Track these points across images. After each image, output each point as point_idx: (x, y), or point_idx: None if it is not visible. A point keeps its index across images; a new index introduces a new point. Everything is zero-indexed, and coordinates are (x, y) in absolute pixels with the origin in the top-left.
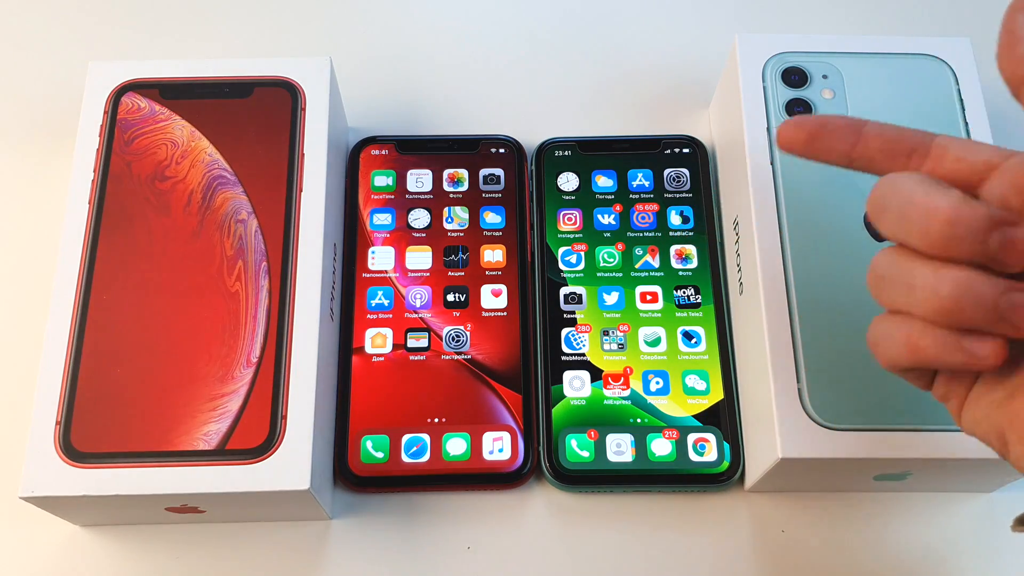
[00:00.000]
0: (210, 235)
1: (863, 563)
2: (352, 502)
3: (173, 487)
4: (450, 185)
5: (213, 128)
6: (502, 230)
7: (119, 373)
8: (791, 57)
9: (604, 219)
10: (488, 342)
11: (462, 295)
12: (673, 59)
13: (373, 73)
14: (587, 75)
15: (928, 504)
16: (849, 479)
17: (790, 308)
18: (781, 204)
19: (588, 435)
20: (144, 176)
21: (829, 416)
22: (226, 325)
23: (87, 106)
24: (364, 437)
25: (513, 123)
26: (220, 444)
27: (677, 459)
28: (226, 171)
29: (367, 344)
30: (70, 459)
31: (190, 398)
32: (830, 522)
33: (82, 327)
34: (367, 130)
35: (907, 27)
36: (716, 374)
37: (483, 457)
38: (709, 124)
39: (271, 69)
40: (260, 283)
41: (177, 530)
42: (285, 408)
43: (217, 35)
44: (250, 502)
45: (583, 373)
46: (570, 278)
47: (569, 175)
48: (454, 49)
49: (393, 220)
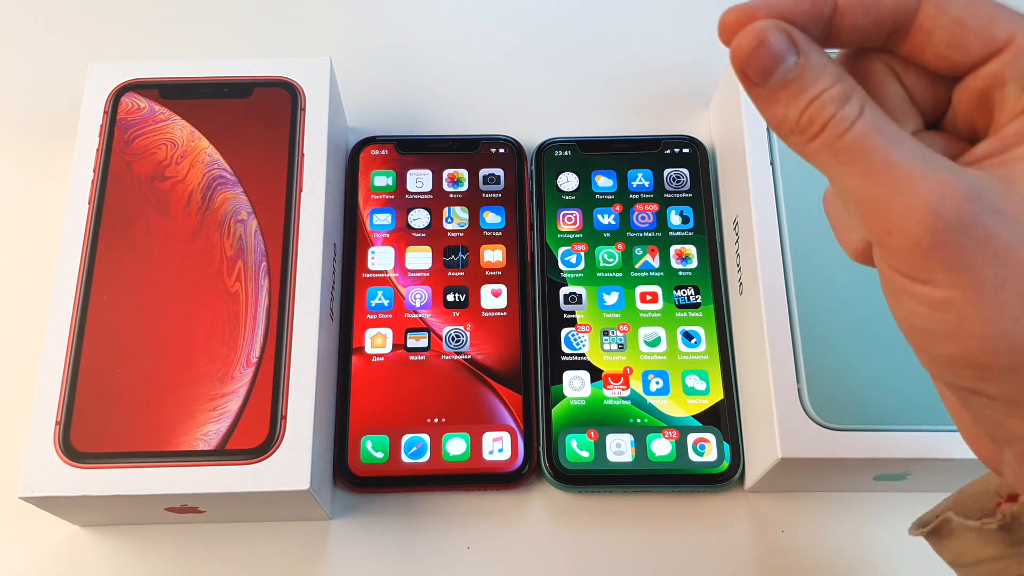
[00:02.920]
0: (210, 235)
1: (863, 563)
2: (352, 502)
3: (173, 487)
4: (450, 185)
5: (213, 128)
6: (502, 230)
7: (119, 373)
8: None
9: (604, 219)
10: (488, 342)
11: (462, 295)
12: (673, 59)
13: (373, 73)
14: (587, 75)
15: (928, 504)
16: (849, 479)
17: (790, 308)
18: (781, 204)
19: (588, 435)
20: (144, 176)
21: (829, 416)
22: (226, 325)
23: (87, 106)
24: (364, 437)
25: (513, 123)
26: (220, 444)
27: (677, 459)
28: (226, 171)
29: (367, 344)
30: (70, 459)
31: (190, 398)
32: (830, 522)
33: (82, 327)
34: (367, 130)
35: None
36: (716, 374)
37: (483, 457)
38: (709, 124)
39: (271, 69)
40: (260, 283)
41: (177, 530)
42: (285, 408)
43: (217, 35)
44: (250, 502)
45: (583, 373)
46: (570, 278)
47: (569, 175)
48: (454, 49)
49: (393, 220)
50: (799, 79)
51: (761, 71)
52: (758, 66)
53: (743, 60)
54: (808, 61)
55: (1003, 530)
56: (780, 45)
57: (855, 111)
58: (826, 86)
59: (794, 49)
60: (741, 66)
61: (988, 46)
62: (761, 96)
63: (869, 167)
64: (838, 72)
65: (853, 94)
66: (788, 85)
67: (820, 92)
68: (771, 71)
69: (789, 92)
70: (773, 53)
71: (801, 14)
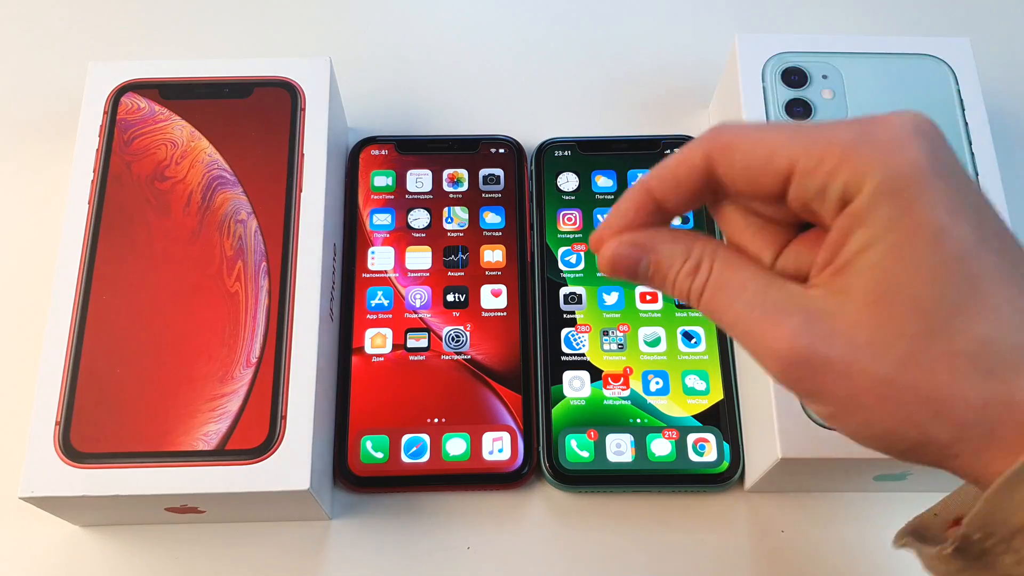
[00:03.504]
0: (210, 235)
1: (863, 563)
2: (352, 502)
3: (173, 487)
4: (450, 185)
5: (213, 128)
6: (502, 230)
7: (119, 373)
8: (791, 57)
9: None
10: (488, 342)
11: (462, 295)
12: (673, 59)
13: (373, 73)
14: (587, 75)
15: (928, 504)
16: (849, 479)
17: None
18: None
19: (588, 435)
20: (144, 176)
21: None
22: (226, 325)
23: (87, 106)
24: (364, 437)
25: (513, 123)
26: (220, 444)
27: (677, 459)
28: (226, 171)
29: (367, 344)
30: (70, 459)
31: (190, 398)
32: (830, 522)
33: (82, 327)
34: (367, 130)
35: (907, 27)
36: (716, 374)
37: (483, 457)
38: (709, 124)
39: (271, 69)
40: (260, 283)
41: (177, 530)
42: (285, 408)
43: (217, 35)
44: (250, 502)
45: (583, 373)
46: (570, 278)
47: (569, 175)
48: (454, 49)
49: (393, 220)
50: (657, 270)
51: (629, 276)
52: (623, 274)
53: (610, 273)
54: (657, 255)
55: (958, 552)
56: (629, 253)
57: (703, 279)
58: (678, 267)
59: (641, 251)
60: (612, 275)
61: (778, 180)
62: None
63: (724, 321)
64: (684, 250)
65: (702, 262)
66: (652, 277)
67: (676, 274)
68: (635, 273)
69: (656, 281)
70: (627, 262)
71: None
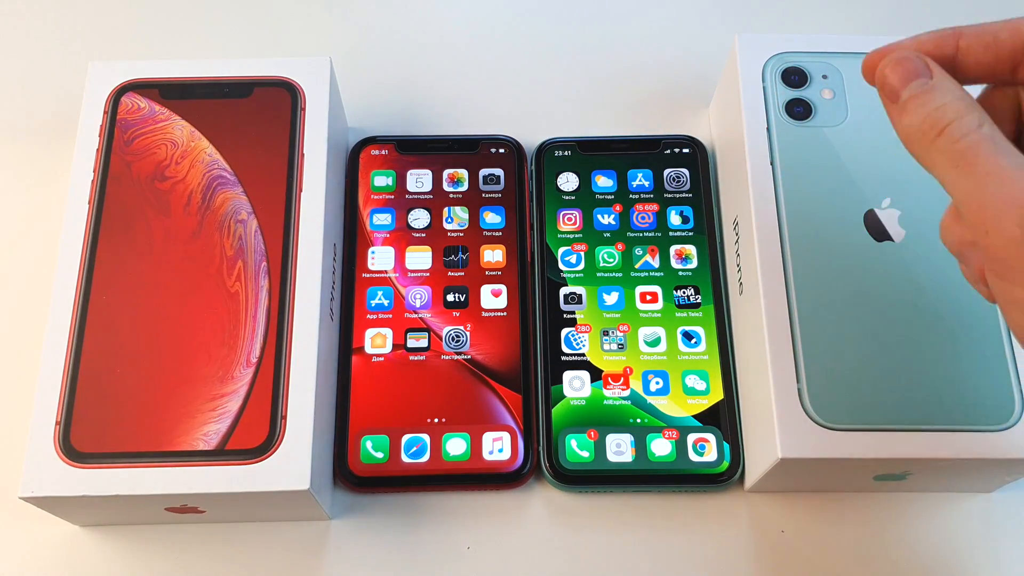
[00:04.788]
0: (210, 235)
1: (863, 563)
2: (352, 502)
3: (173, 487)
4: (450, 185)
5: (213, 128)
6: (502, 230)
7: (119, 373)
8: (791, 57)
9: (604, 219)
10: (488, 342)
11: (462, 295)
12: (673, 59)
13: (373, 73)
14: (587, 75)
15: (928, 504)
16: (849, 479)
17: (790, 308)
18: (781, 204)
19: (588, 435)
20: (144, 176)
21: (829, 416)
22: (226, 325)
23: (87, 106)
24: (364, 437)
25: (513, 123)
26: (220, 444)
27: (677, 459)
28: (226, 171)
29: (367, 344)
30: (70, 459)
31: (190, 398)
32: (830, 522)
33: (82, 327)
34: (367, 130)
35: (907, 27)
36: (716, 374)
37: (483, 457)
38: (709, 124)
39: (271, 69)
40: (260, 283)
41: (177, 530)
42: (285, 408)
43: (217, 35)
44: (250, 502)
45: (583, 373)
46: (570, 278)
47: (569, 175)
48: (454, 49)
49: (393, 220)
50: (927, 93)
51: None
52: (896, 78)
53: (879, 74)
54: (938, 82)
55: None
56: (916, 65)
57: (973, 123)
58: (949, 101)
59: (928, 73)
60: (881, 80)
61: None
62: (894, 110)
63: (977, 170)
64: (965, 95)
65: (974, 111)
66: (917, 97)
67: (943, 104)
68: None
69: (917, 103)
70: (909, 70)
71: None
